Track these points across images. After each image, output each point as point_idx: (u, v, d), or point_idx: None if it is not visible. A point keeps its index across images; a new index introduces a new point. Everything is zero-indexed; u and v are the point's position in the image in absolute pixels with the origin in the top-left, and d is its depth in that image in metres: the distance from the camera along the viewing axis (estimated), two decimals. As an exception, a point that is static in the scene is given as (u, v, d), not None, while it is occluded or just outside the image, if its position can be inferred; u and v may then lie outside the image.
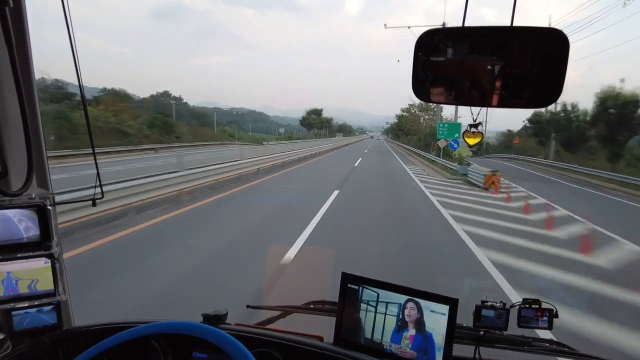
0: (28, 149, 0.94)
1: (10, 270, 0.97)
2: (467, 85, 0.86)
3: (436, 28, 0.86)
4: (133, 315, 1.55)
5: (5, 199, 0.94)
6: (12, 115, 0.98)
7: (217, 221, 7.18)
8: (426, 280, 4.34)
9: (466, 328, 1.12)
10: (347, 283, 1.07)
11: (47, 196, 1.01)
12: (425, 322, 0.98)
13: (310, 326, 1.21)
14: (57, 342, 1.03)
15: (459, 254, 5.60)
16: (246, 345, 0.77)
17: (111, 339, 0.83)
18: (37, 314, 1.03)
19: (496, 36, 0.84)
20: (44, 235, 1.00)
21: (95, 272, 4.38)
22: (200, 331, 0.81)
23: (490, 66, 0.83)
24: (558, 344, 1.14)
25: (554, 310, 1.08)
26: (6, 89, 0.96)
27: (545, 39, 0.82)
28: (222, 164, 12.43)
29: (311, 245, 5.52)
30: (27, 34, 1.00)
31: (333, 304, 1.24)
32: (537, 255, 5.63)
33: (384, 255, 5.33)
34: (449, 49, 0.85)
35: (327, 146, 36.54)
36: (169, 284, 4.08)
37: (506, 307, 1.08)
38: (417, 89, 0.90)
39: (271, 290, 3.99)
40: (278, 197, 10.02)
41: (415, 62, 0.87)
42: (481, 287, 4.34)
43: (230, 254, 5.24)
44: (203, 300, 3.61)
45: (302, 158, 23.32)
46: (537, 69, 0.82)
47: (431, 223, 7.73)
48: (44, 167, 1.11)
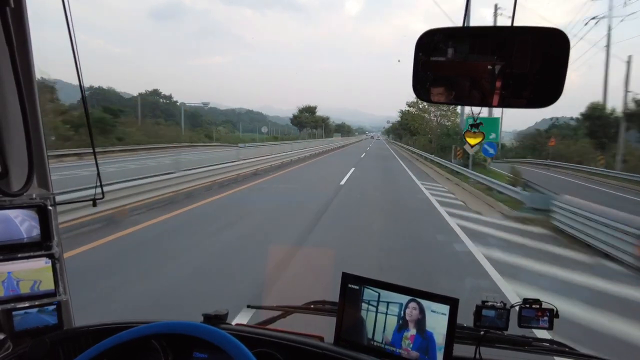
0: (29, 149, 0.94)
1: (11, 270, 0.97)
2: (467, 85, 0.86)
3: (436, 28, 0.86)
4: (137, 314, 1.54)
5: (6, 199, 0.95)
6: (13, 115, 0.98)
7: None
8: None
9: (467, 328, 1.12)
10: (347, 283, 1.08)
11: (48, 196, 1.01)
12: (426, 322, 0.98)
13: (310, 326, 1.21)
14: (57, 342, 1.03)
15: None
16: (247, 345, 0.77)
17: (112, 339, 0.83)
18: (37, 314, 1.03)
19: (496, 36, 0.85)
20: (44, 235, 1.00)
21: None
22: (201, 331, 0.81)
23: (490, 66, 0.83)
24: (559, 344, 1.14)
25: (555, 310, 1.08)
26: (7, 89, 0.96)
27: (546, 38, 0.82)
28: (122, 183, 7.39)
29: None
30: (27, 34, 1.01)
31: (333, 304, 1.24)
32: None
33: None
34: (449, 49, 0.85)
35: (317, 149, 31.08)
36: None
37: (506, 307, 1.08)
38: (417, 88, 0.90)
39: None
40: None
41: (415, 62, 0.87)
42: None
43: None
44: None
45: (274, 167, 17.20)
46: (537, 69, 0.82)
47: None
48: (45, 167, 1.11)
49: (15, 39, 0.86)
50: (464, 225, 7.46)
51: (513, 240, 6.62)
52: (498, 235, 6.86)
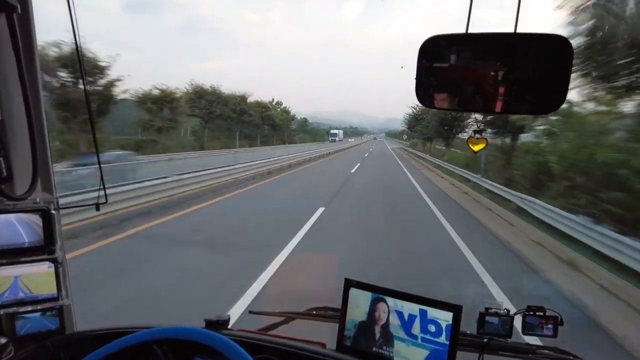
0: (33, 154, 0.95)
1: (14, 274, 0.97)
2: (470, 91, 0.86)
3: (440, 34, 0.86)
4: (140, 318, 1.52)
5: (10, 203, 0.95)
6: (18, 120, 0.99)
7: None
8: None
9: (470, 335, 1.11)
10: (349, 289, 1.07)
11: (52, 200, 1.02)
12: (430, 329, 0.97)
13: (312, 332, 1.20)
14: (59, 346, 1.03)
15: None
16: (248, 351, 0.77)
17: (113, 344, 0.83)
18: (40, 318, 1.03)
19: (499, 42, 0.85)
20: (47, 239, 1.00)
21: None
22: (203, 337, 0.81)
23: (493, 72, 0.83)
24: (563, 352, 1.13)
25: (559, 318, 1.07)
26: (13, 94, 0.97)
27: (549, 45, 0.82)
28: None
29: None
30: (34, 40, 1.02)
31: (335, 310, 1.24)
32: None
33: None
34: (453, 55, 0.86)
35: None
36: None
37: (510, 314, 1.07)
38: (420, 94, 0.90)
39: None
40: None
41: (418, 68, 0.87)
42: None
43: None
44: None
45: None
46: (540, 75, 0.82)
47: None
48: (49, 172, 1.12)
49: (21, 45, 0.87)
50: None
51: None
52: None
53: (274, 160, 19.81)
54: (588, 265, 5.72)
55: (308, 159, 26.77)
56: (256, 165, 16.90)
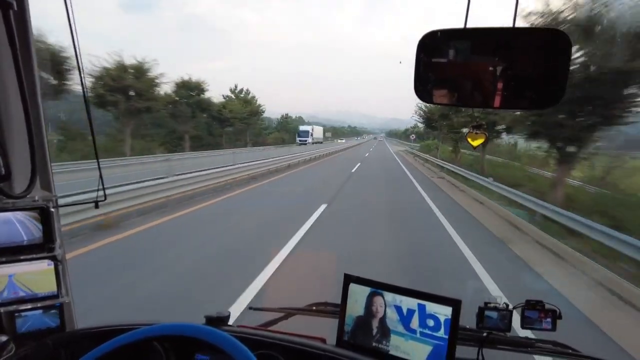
0: (31, 152, 0.94)
1: (13, 272, 0.97)
2: (469, 87, 0.86)
3: (438, 29, 0.86)
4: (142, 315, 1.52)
5: (9, 202, 0.95)
6: (16, 118, 0.98)
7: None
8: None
9: (469, 330, 1.11)
10: (349, 284, 1.07)
11: (50, 198, 1.02)
12: (428, 323, 0.97)
13: (312, 328, 1.20)
14: (60, 344, 1.03)
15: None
16: (248, 347, 0.77)
17: (113, 341, 0.83)
18: (40, 316, 1.03)
19: (498, 37, 0.84)
20: (47, 237, 1.00)
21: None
22: (203, 333, 0.81)
23: (492, 67, 0.83)
24: (562, 346, 1.14)
25: (558, 312, 1.08)
26: (10, 92, 0.97)
27: (547, 39, 0.82)
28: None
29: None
30: (30, 37, 1.01)
31: (335, 306, 1.24)
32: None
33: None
34: (451, 50, 0.85)
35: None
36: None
37: (509, 308, 1.07)
38: (419, 90, 0.90)
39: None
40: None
41: (417, 63, 0.87)
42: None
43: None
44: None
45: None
46: (539, 70, 0.82)
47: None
48: (47, 170, 1.12)
49: (18, 42, 0.87)
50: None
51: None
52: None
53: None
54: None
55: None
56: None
